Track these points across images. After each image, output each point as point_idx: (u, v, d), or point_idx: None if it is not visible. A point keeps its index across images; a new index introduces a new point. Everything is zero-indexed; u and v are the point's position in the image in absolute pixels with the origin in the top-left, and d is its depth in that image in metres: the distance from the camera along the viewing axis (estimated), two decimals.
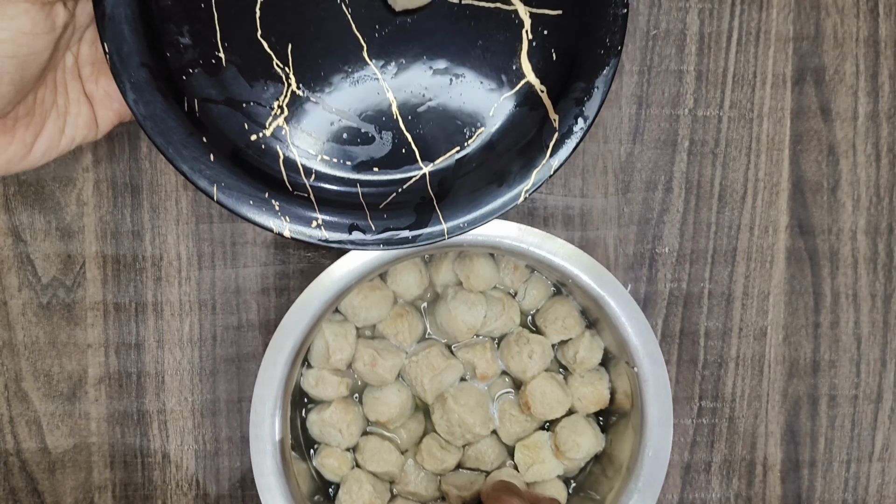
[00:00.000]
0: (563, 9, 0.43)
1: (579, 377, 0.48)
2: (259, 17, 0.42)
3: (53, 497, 0.51)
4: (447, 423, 0.47)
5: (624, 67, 0.52)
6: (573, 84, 0.43)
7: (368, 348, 0.46)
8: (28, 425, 0.51)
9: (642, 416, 0.45)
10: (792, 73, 0.52)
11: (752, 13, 0.52)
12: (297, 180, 0.43)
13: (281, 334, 0.43)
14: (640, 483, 0.44)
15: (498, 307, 0.47)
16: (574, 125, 0.43)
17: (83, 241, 0.51)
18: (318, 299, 0.43)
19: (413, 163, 0.44)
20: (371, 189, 0.44)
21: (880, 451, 0.53)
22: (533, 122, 0.44)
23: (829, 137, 0.52)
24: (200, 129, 0.42)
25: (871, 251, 0.53)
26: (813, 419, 0.53)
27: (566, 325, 0.47)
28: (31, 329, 0.51)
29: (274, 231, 0.42)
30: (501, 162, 0.44)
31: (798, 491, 0.53)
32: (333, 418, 0.46)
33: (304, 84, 0.43)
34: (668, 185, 0.52)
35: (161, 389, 0.51)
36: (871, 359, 0.53)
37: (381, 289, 0.46)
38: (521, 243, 0.44)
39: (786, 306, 0.53)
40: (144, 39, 0.40)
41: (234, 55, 0.42)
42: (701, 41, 0.52)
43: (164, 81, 0.41)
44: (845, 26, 0.52)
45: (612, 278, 0.44)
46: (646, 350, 0.45)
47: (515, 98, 0.44)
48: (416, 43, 0.44)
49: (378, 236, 0.43)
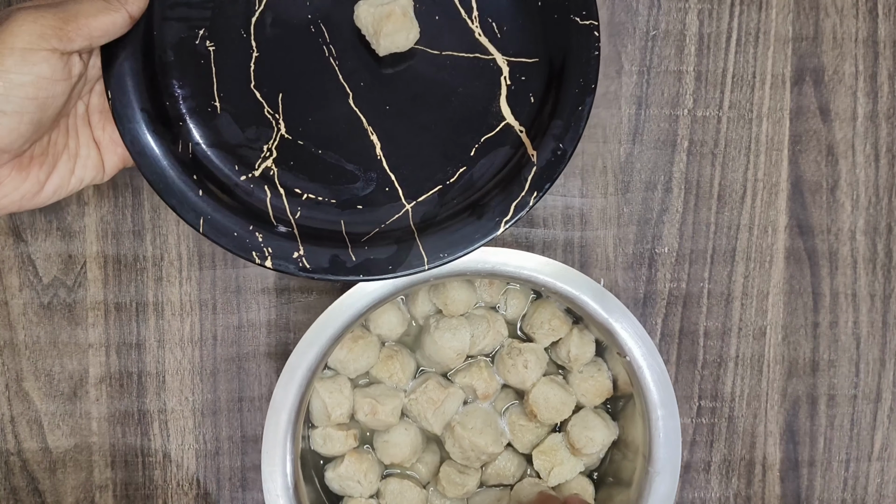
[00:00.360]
0: (539, 56, 0.45)
1: (578, 373, 0.48)
2: (253, 70, 0.46)
3: (54, 496, 0.51)
4: (460, 449, 0.47)
5: (623, 68, 0.52)
6: (551, 122, 0.45)
7: (366, 398, 0.46)
8: (29, 425, 0.51)
9: (645, 402, 0.45)
10: (791, 74, 0.52)
11: (752, 14, 0.52)
12: (282, 216, 0.45)
13: (276, 402, 0.43)
14: (658, 466, 0.44)
15: (483, 325, 0.47)
16: (552, 160, 0.44)
17: (84, 241, 0.51)
18: (304, 362, 0.43)
19: (396, 200, 0.46)
20: (354, 224, 0.46)
21: (879, 450, 0.53)
22: (512, 159, 0.46)
23: (828, 138, 0.53)
24: (192, 168, 0.45)
25: (870, 251, 0.53)
26: (812, 419, 0.53)
27: (553, 327, 0.47)
28: (32, 329, 0.51)
29: (256, 262, 0.44)
30: (482, 196, 0.45)
31: (797, 490, 0.53)
32: (349, 471, 0.46)
33: (292, 129, 0.46)
34: (668, 186, 0.52)
35: (162, 389, 0.51)
36: (871, 358, 0.53)
37: (364, 337, 0.47)
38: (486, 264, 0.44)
39: (785, 306, 0.53)
40: (146, 90, 0.44)
41: (229, 104, 0.45)
42: (700, 42, 0.52)
43: (162, 125, 0.44)
44: (844, 27, 0.52)
45: (583, 277, 0.44)
46: (634, 338, 0.45)
47: (496, 138, 0.46)
48: (400, 90, 0.46)
49: (359, 267, 0.44)
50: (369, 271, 0.44)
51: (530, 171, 0.44)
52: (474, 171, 0.46)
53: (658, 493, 0.44)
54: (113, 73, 0.43)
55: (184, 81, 0.45)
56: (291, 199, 0.46)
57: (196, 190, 0.44)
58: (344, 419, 0.46)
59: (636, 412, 0.46)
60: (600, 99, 0.51)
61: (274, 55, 0.46)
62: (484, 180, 0.46)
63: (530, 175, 0.44)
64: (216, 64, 0.45)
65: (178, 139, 0.45)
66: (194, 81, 0.45)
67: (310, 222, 0.46)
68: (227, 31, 0.46)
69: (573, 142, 0.44)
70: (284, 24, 0.46)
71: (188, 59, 0.45)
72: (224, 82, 0.46)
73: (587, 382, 0.48)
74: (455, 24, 0.46)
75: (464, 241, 0.44)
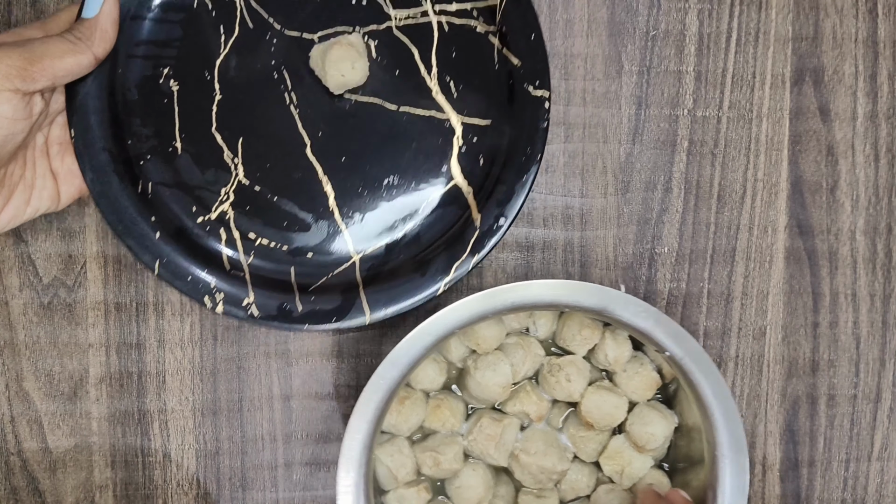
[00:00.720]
0: (492, 118, 0.47)
1: (622, 373, 0.48)
2: (215, 112, 0.47)
3: (54, 496, 0.51)
4: (530, 474, 0.47)
5: (623, 68, 0.52)
6: (497, 187, 0.47)
7: (426, 452, 0.46)
8: (29, 425, 0.51)
9: (695, 391, 0.45)
10: (791, 74, 0.52)
11: (752, 14, 0.52)
12: (235, 260, 0.47)
13: (342, 485, 0.43)
14: (724, 449, 0.44)
15: (519, 352, 0.47)
16: (494, 225, 0.46)
17: (84, 242, 0.51)
18: (358, 441, 0.43)
19: (345, 251, 0.48)
20: (304, 273, 0.47)
21: (879, 450, 0.53)
22: (458, 220, 0.47)
23: (827, 138, 0.53)
24: (150, 208, 0.46)
25: (869, 251, 0.53)
26: (812, 419, 0.53)
27: (585, 336, 0.47)
28: (33, 329, 0.51)
29: (206, 307, 0.46)
30: (426, 254, 0.47)
31: (797, 490, 0.53)
32: None
33: (250, 174, 0.47)
34: (668, 186, 0.52)
35: (162, 389, 0.51)
36: (870, 358, 0.53)
37: (409, 396, 0.47)
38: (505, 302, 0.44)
39: (785, 306, 0.53)
40: (109, 128, 0.45)
41: (190, 145, 0.47)
42: (700, 42, 0.52)
43: (123, 165, 0.46)
44: (844, 27, 0.52)
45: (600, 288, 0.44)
46: (668, 334, 0.44)
47: (444, 197, 0.48)
48: (356, 142, 0.47)
49: (305, 317, 0.46)
50: (314, 321, 0.46)
51: (473, 234, 0.46)
52: (422, 228, 0.48)
53: (730, 475, 0.44)
54: (76, 111, 0.44)
55: (146, 120, 0.46)
56: (245, 243, 0.47)
57: (154, 232, 0.46)
58: (410, 477, 0.47)
59: (689, 396, 0.46)
60: (600, 99, 0.52)
61: (236, 99, 0.47)
62: (430, 238, 0.48)
63: (472, 238, 0.46)
64: (179, 104, 0.47)
65: (139, 179, 0.46)
66: (157, 121, 0.47)
67: (261, 268, 0.47)
68: (192, 72, 0.47)
69: (514, 210, 0.46)
70: (248, 69, 0.47)
71: (152, 99, 0.46)
72: (186, 123, 0.47)
73: (634, 380, 0.48)
74: (414, 80, 0.47)
75: (405, 297, 0.46)
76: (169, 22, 0.46)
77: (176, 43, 0.47)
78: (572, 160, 0.52)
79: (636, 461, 0.48)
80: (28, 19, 0.49)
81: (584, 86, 0.51)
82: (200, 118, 0.47)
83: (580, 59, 0.51)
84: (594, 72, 0.51)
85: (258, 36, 0.47)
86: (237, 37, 0.47)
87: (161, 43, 0.46)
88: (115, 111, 0.46)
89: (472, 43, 0.47)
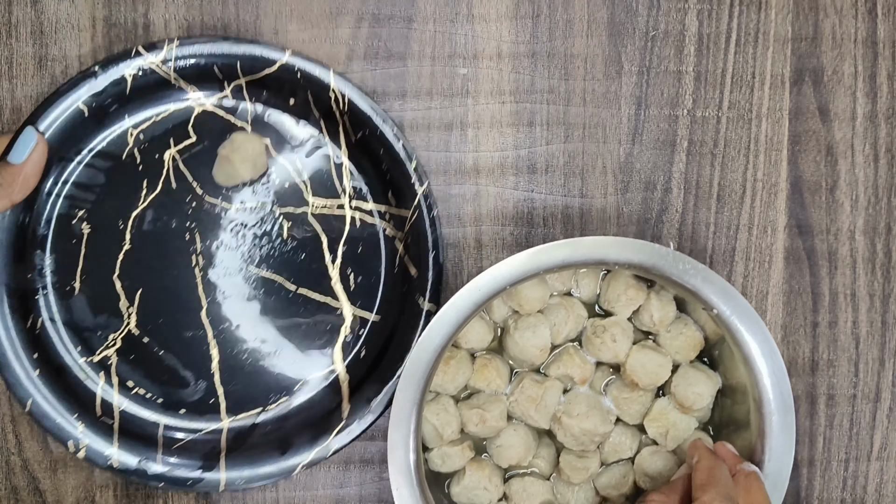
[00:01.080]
0: (381, 315, 0.50)
1: (666, 333, 0.48)
2: (120, 261, 0.48)
3: (55, 496, 0.51)
4: (572, 437, 0.47)
5: (623, 68, 0.52)
6: (369, 385, 0.49)
7: (472, 410, 0.47)
8: (30, 424, 0.51)
9: (742, 349, 0.45)
10: (790, 74, 0.52)
11: (751, 14, 0.52)
12: (107, 406, 0.49)
13: (393, 441, 0.44)
14: (772, 406, 0.45)
15: (562, 313, 0.48)
16: (358, 420, 0.48)
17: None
18: (408, 399, 0.44)
19: (216, 413, 0.49)
20: (172, 428, 0.49)
21: (878, 450, 0.53)
22: (328, 406, 0.49)
23: (827, 138, 0.53)
24: (35, 344, 0.47)
25: (869, 251, 0.53)
26: (811, 418, 0.53)
27: (630, 297, 0.47)
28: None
29: (69, 450, 0.47)
30: (291, 433, 0.48)
31: (797, 490, 0.53)
32: (473, 480, 0.47)
33: (142, 325, 0.49)
34: (667, 186, 0.52)
35: None
36: (870, 358, 0.53)
37: (454, 356, 0.47)
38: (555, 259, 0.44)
39: (784, 306, 0.53)
40: (12, 262, 0.46)
41: (88, 288, 0.49)
42: (700, 42, 0.52)
43: (17, 300, 0.47)
44: (844, 27, 0.52)
45: (643, 244, 0.44)
46: (716, 291, 0.45)
47: (321, 381, 0.50)
48: (250, 313, 0.49)
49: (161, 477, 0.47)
50: (170, 483, 0.47)
51: (338, 424, 0.48)
52: (294, 406, 0.49)
53: (777, 433, 0.45)
54: None
55: (52, 257, 0.48)
56: (122, 390, 0.49)
57: (33, 370, 0.47)
58: (455, 435, 0.47)
59: (735, 356, 0.46)
60: (600, 99, 0.52)
61: (144, 251, 0.48)
62: (298, 418, 0.49)
63: (338, 427, 0.48)
64: (87, 247, 0.48)
65: (30, 313, 0.48)
66: (61, 258, 0.48)
67: (131, 419, 0.49)
68: (106, 219, 0.48)
69: (380, 409, 0.48)
70: (163, 225, 0.48)
71: (61, 237, 0.48)
72: (89, 266, 0.48)
73: (678, 340, 0.48)
74: (317, 266, 0.49)
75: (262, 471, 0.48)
76: (95, 168, 0.48)
77: (97, 189, 0.48)
78: (572, 160, 0.52)
79: (681, 423, 0.48)
80: (28, 19, 0.50)
81: (583, 86, 0.52)
82: (104, 264, 0.48)
83: (580, 59, 0.51)
84: (594, 72, 0.52)
85: (179, 197, 0.48)
86: (158, 193, 0.48)
87: (83, 186, 0.48)
88: (21, 244, 0.47)
89: (378, 243, 0.50)
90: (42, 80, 0.50)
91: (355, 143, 0.49)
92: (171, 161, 0.48)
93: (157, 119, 0.48)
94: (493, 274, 0.43)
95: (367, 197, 0.49)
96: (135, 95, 0.47)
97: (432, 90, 0.51)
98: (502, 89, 0.51)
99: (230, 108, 0.49)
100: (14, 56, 0.50)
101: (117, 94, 0.47)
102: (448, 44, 0.51)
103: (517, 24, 0.51)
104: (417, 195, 0.48)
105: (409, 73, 0.51)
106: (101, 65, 0.46)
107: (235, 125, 0.48)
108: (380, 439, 0.51)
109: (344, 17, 0.50)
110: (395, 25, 0.51)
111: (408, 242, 0.49)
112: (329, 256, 0.49)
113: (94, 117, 0.47)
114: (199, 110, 0.48)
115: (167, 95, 0.48)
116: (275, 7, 0.50)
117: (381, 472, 0.52)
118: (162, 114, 0.48)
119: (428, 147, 0.51)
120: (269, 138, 0.49)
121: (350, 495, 0.52)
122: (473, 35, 0.51)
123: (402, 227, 0.49)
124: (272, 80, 0.47)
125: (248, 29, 0.50)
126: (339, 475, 0.52)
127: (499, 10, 0.51)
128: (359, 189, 0.49)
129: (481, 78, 0.51)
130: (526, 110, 0.51)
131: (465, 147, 0.51)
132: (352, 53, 0.51)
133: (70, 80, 0.46)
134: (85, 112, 0.46)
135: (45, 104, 0.46)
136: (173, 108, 0.48)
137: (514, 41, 0.51)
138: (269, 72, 0.47)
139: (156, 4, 0.50)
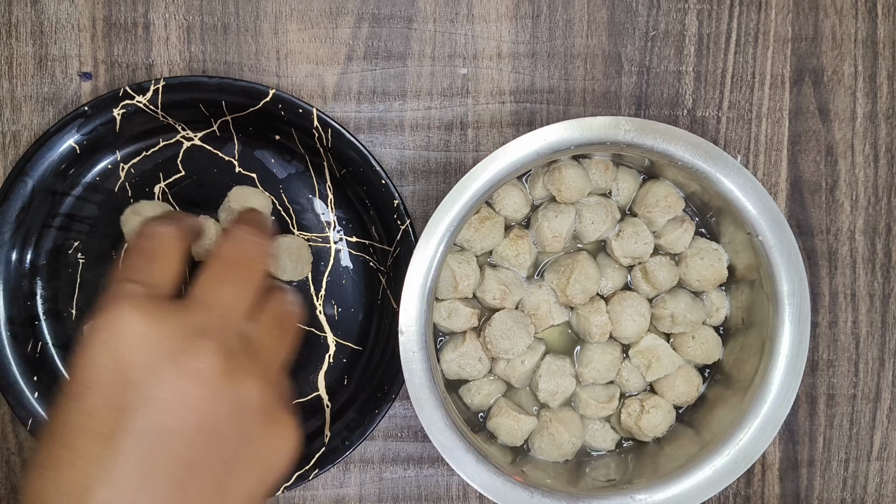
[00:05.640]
0: (363, 346, 0.50)
1: (692, 255, 0.48)
2: None
3: None
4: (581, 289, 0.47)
5: (623, 68, 0.52)
6: (350, 414, 0.49)
7: (500, 285, 0.47)
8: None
9: (774, 285, 0.45)
10: (790, 74, 0.52)
11: (751, 14, 0.52)
12: None
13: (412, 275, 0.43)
14: (783, 349, 0.45)
15: (601, 211, 0.47)
16: (340, 446, 0.49)
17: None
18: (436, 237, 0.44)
19: None
20: None
21: (878, 450, 0.53)
22: (311, 431, 0.49)
23: (827, 138, 0.53)
24: (36, 367, 0.49)
25: (869, 251, 0.53)
26: (811, 418, 0.53)
27: (669, 203, 0.47)
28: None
29: None
30: None
31: (797, 490, 0.53)
32: (470, 349, 0.47)
33: None
34: None
35: None
36: (870, 358, 0.53)
37: (490, 217, 0.47)
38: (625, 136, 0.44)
39: None
40: (10, 290, 0.48)
41: (83, 314, 0.50)
42: (700, 42, 0.52)
43: (19, 326, 0.49)
44: (844, 27, 0.52)
45: (720, 152, 0.44)
46: (766, 216, 0.45)
47: (304, 406, 0.50)
48: None
49: None
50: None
51: (320, 449, 0.49)
52: None
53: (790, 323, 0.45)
54: None
55: (48, 285, 0.49)
56: None
57: (33, 392, 0.48)
58: (469, 292, 0.47)
59: (760, 296, 0.46)
60: (600, 99, 0.52)
61: None
62: None
63: (318, 453, 0.49)
64: (82, 276, 0.49)
65: (31, 338, 0.49)
66: (58, 286, 0.49)
67: None
68: (99, 249, 0.49)
69: (360, 437, 0.48)
70: None
71: (58, 266, 0.49)
72: (84, 294, 0.50)
73: (697, 263, 0.48)
74: (302, 294, 0.50)
75: None
76: (88, 201, 0.49)
77: (89, 220, 0.49)
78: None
79: (665, 357, 0.48)
80: (28, 19, 0.50)
81: (584, 86, 0.52)
82: (99, 291, 0.49)
83: (580, 59, 0.51)
84: (594, 72, 0.52)
85: None
86: None
87: (77, 218, 0.49)
88: (20, 275, 0.48)
89: (362, 274, 0.50)
90: (42, 80, 0.50)
91: (340, 178, 0.49)
92: (160, 194, 0.49)
93: (147, 154, 0.49)
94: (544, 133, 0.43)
95: (351, 231, 0.50)
96: (125, 132, 0.48)
97: (432, 90, 0.51)
98: (502, 89, 0.51)
99: (217, 144, 0.50)
100: (14, 56, 0.50)
101: (108, 132, 0.48)
102: (448, 44, 0.51)
103: (517, 24, 0.51)
104: (400, 231, 0.48)
105: (409, 73, 0.51)
106: (91, 105, 0.47)
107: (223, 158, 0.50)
108: (380, 439, 0.52)
109: (344, 16, 0.51)
110: (395, 25, 0.51)
111: (391, 276, 0.49)
112: (313, 287, 0.50)
113: (86, 154, 0.48)
114: (187, 145, 0.49)
115: (156, 131, 0.49)
116: (275, 7, 0.50)
117: (381, 471, 0.52)
118: (152, 148, 0.49)
119: (428, 147, 0.51)
120: (256, 174, 0.50)
121: (350, 495, 0.52)
122: (473, 35, 0.51)
123: (385, 261, 0.49)
124: (257, 117, 0.48)
125: (248, 29, 0.50)
126: (339, 475, 0.52)
127: (499, 10, 0.51)
128: (343, 222, 0.50)
129: (481, 78, 0.51)
130: (526, 110, 0.51)
131: (465, 147, 0.51)
132: (352, 53, 0.51)
133: (61, 120, 0.47)
134: (77, 150, 0.48)
135: (37, 144, 0.47)
136: (163, 143, 0.49)
137: (514, 41, 0.51)
138: (254, 109, 0.48)
139: (156, 4, 0.50)
